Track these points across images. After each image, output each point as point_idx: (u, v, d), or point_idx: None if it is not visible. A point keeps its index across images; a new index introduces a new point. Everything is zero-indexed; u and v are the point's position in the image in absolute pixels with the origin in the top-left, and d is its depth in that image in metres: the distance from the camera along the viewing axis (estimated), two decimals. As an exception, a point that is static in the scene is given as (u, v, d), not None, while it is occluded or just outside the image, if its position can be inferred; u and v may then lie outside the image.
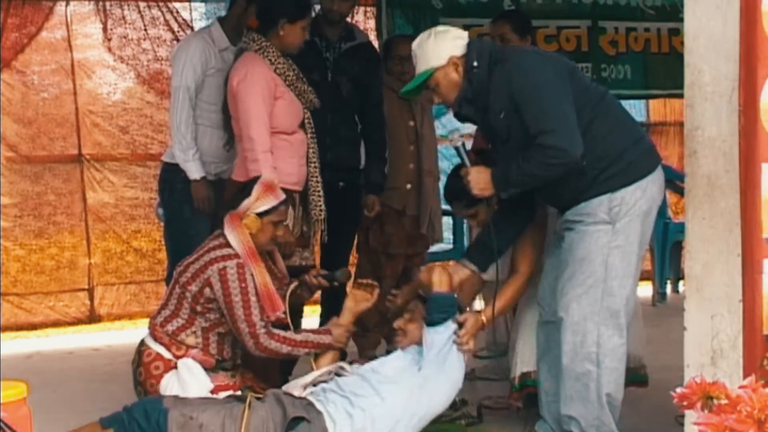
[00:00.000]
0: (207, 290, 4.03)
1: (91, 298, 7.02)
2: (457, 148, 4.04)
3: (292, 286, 4.31)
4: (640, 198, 3.80)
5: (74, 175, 6.97)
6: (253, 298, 4.01)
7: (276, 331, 4.05)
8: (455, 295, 4.04)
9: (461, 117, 4.07)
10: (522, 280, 4.18)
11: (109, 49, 6.95)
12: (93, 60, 7.06)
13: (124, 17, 6.90)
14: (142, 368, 4.06)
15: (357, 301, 4.29)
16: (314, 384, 3.85)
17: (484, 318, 4.07)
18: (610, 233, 3.78)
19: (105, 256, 7.11)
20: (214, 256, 4.07)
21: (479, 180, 3.88)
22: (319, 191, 4.75)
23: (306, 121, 4.73)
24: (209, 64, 4.99)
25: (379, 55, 5.75)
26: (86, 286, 7.03)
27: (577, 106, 3.73)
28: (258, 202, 4.13)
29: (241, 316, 3.99)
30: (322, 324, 4.86)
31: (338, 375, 3.92)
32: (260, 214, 4.12)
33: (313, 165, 4.74)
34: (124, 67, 7.01)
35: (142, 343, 4.15)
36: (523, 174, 3.76)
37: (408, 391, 3.78)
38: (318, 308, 5.64)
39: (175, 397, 3.81)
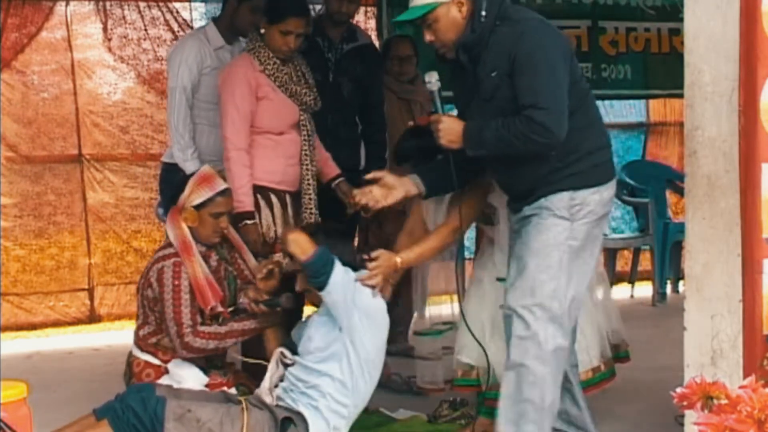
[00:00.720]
0: (149, 291, 4.07)
1: (91, 298, 7.02)
2: (432, 93, 3.82)
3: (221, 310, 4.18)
4: (599, 203, 3.72)
5: (74, 175, 6.97)
6: (185, 296, 4.02)
7: (202, 328, 4.04)
8: (325, 247, 3.83)
9: (443, 61, 3.85)
10: (446, 232, 4.06)
11: (109, 49, 6.95)
12: (93, 60, 7.06)
13: (124, 17, 6.90)
14: (135, 379, 4.09)
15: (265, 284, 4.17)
16: (275, 386, 3.87)
17: (398, 259, 3.98)
18: (568, 230, 3.65)
19: (105, 256, 7.11)
20: (156, 257, 4.13)
21: (451, 130, 3.69)
22: (310, 194, 4.72)
23: (301, 123, 4.74)
24: (204, 63, 5.00)
25: (381, 57, 5.75)
26: (86, 286, 7.03)
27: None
28: (193, 195, 4.14)
29: (170, 315, 4.01)
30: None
31: (284, 365, 3.92)
32: (198, 207, 4.13)
33: (305, 167, 4.72)
34: (124, 67, 7.02)
35: (131, 354, 4.18)
36: (500, 139, 3.59)
37: (344, 356, 3.78)
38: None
39: (168, 386, 3.83)
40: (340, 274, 3.78)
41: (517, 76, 3.56)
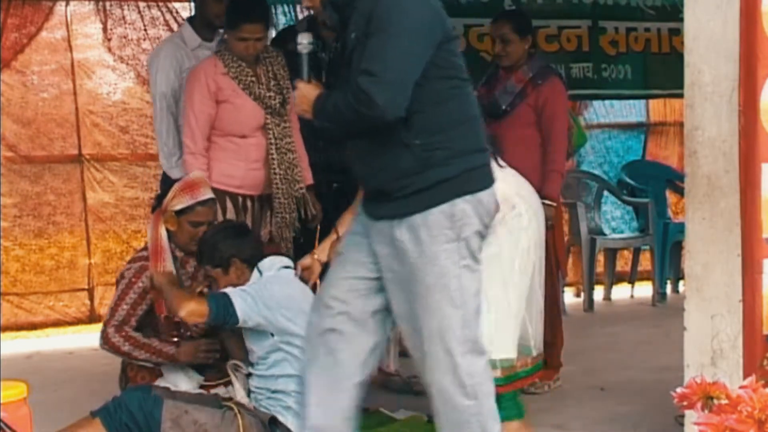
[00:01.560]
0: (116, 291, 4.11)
1: (91, 298, 7.02)
2: (300, 56, 3.47)
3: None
4: (481, 211, 3.31)
5: (74, 175, 6.96)
6: (133, 296, 4.04)
7: (127, 329, 4.04)
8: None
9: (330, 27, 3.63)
10: (348, 218, 4.02)
11: (109, 49, 6.95)
12: (93, 60, 7.05)
13: (124, 17, 6.90)
14: (131, 383, 4.11)
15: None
16: (248, 395, 3.90)
17: (318, 259, 4.05)
18: (456, 251, 3.25)
19: (105, 256, 7.10)
20: (130, 259, 4.19)
21: (304, 99, 3.39)
22: (279, 198, 4.71)
23: (267, 126, 4.69)
24: (183, 66, 4.92)
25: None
26: (86, 286, 7.03)
27: (436, 76, 3.24)
28: (174, 201, 4.16)
29: (111, 304, 4.07)
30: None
31: (240, 372, 3.94)
32: (178, 213, 4.14)
33: (273, 171, 4.69)
34: (124, 67, 7.01)
35: (124, 360, 4.18)
36: (335, 108, 3.27)
37: (288, 355, 3.79)
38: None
39: (165, 388, 3.84)
40: (241, 303, 3.71)
41: (369, 39, 3.20)
